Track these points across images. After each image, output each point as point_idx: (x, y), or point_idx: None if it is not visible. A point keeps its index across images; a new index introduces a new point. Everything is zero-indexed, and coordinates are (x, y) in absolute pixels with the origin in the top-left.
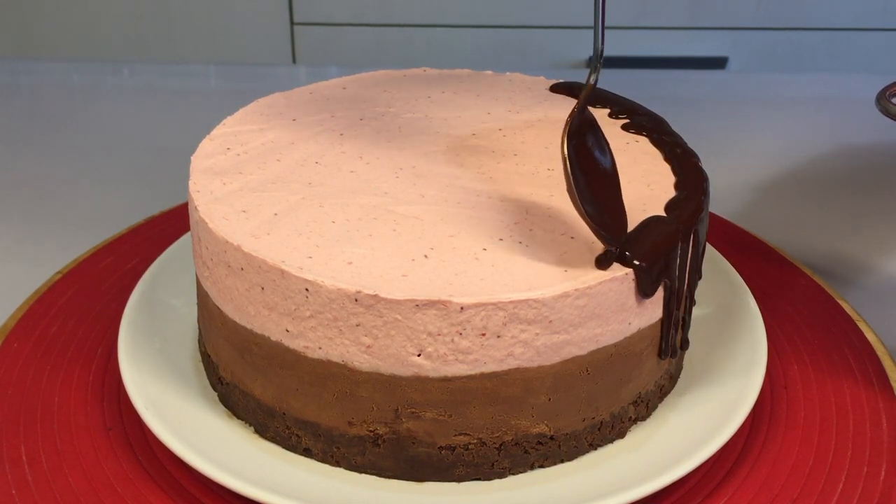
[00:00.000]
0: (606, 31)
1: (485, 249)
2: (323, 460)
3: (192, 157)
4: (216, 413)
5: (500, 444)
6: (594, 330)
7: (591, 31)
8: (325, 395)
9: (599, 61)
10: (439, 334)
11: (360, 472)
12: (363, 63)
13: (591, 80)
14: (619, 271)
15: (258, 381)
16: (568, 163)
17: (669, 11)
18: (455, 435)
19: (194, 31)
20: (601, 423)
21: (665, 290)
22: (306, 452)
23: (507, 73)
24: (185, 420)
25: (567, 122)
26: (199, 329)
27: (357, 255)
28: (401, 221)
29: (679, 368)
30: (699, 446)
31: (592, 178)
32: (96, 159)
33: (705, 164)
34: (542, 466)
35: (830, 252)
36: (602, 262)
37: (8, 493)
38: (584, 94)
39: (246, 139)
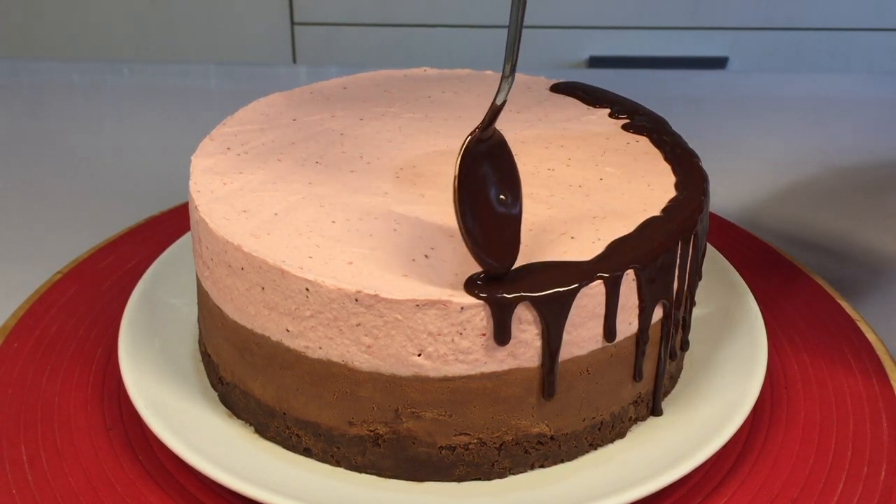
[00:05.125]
0: (607, 31)
1: None
2: (323, 460)
3: (192, 157)
4: (216, 413)
5: (501, 444)
6: (594, 330)
7: (592, 32)
8: (325, 395)
9: (511, 75)
10: (439, 334)
11: (360, 472)
12: (363, 63)
13: (498, 102)
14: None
15: (258, 380)
16: (456, 181)
17: (669, 11)
18: (455, 435)
19: (194, 31)
20: (601, 423)
21: (664, 291)
22: (306, 452)
23: None
24: (185, 420)
25: (464, 143)
26: (200, 329)
27: (357, 255)
28: (401, 221)
29: (679, 368)
30: (699, 446)
31: (486, 202)
32: (96, 159)
33: (705, 164)
34: (542, 466)
35: (830, 252)
36: (469, 286)
37: (8, 493)
38: (489, 116)
39: (246, 139)
